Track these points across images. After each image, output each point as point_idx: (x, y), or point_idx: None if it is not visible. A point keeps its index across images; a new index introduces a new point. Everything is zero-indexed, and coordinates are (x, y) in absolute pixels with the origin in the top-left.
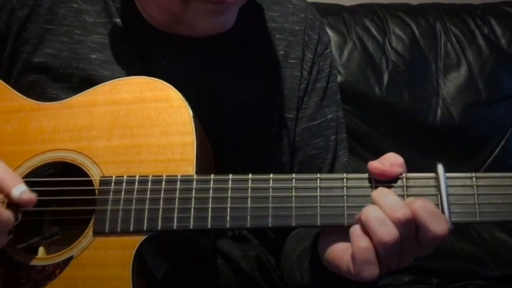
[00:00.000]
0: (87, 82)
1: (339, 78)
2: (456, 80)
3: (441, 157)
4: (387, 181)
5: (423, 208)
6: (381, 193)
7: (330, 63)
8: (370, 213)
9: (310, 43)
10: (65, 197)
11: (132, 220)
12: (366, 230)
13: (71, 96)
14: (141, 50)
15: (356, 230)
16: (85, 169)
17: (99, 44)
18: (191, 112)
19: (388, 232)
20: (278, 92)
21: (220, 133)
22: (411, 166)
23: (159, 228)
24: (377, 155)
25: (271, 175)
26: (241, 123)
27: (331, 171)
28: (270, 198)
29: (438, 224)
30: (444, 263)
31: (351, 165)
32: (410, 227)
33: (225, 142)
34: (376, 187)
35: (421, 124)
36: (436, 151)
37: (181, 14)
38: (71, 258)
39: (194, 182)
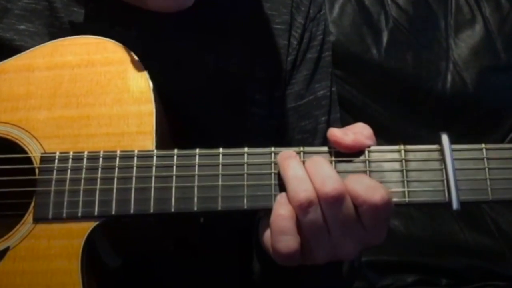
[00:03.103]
0: (18, 53)
1: None
2: (469, 40)
3: (452, 132)
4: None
5: (355, 180)
6: (314, 163)
7: (324, 28)
8: (289, 171)
9: (301, 4)
10: None
11: (80, 204)
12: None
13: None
14: (86, 17)
15: (281, 196)
16: (22, 145)
17: (30, 11)
18: (148, 77)
19: (306, 195)
20: (260, 66)
21: (185, 113)
22: (416, 143)
23: (113, 212)
24: (375, 130)
25: (246, 149)
26: (210, 101)
27: None
28: (245, 175)
29: (372, 193)
30: (455, 260)
31: None
32: (344, 205)
33: (191, 124)
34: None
35: (428, 93)
36: (446, 125)
37: None
38: (7, 249)
39: (154, 158)
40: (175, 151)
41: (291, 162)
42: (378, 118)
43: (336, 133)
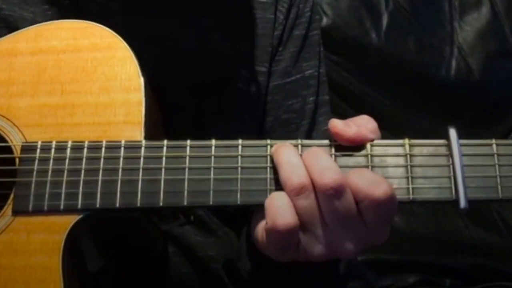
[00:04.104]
0: (5, 25)
1: (324, 21)
2: (475, 23)
3: (456, 123)
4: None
5: (356, 174)
6: (311, 153)
7: (312, 5)
8: (282, 158)
9: None
10: None
11: (63, 196)
12: None
13: None
14: None
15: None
16: (2, 133)
17: None
18: (138, 64)
19: (299, 180)
20: (245, 40)
21: (169, 91)
22: (418, 133)
23: (98, 205)
24: (374, 119)
25: (240, 141)
26: (194, 78)
27: None
28: (239, 169)
29: (375, 187)
30: (459, 259)
31: None
32: (344, 198)
33: (175, 103)
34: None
35: (431, 80)
36: (450, 114)
37: None
38: None
39: (143, 149)
40: (165, 142)
41: (285, 149)
42: (378, 106)
43: (337, 125)
